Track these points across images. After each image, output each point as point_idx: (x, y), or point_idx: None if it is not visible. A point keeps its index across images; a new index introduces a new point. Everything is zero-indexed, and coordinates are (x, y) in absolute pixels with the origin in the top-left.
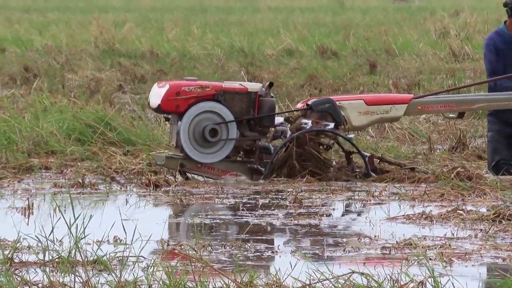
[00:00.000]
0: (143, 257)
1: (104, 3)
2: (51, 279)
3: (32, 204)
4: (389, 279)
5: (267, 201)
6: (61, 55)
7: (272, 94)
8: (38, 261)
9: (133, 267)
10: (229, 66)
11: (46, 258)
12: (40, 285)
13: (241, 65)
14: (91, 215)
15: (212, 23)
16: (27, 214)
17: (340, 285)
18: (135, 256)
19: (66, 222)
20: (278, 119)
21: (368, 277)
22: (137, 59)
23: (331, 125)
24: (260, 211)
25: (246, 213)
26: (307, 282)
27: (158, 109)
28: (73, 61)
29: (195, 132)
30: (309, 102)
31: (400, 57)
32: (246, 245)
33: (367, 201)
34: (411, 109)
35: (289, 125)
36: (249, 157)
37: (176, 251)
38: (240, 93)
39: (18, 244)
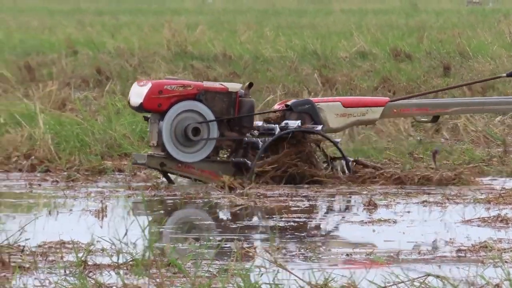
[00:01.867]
0: (217, 259)
1: (176, 5)
2: (125, 281)
3: (106, 206)
4: (464, 281)
5: (341, 204)
6: (133, 57)
7: (250, 95)
8: (112, 264)
9: (207, 269)
10: (302, 69)
11: (120, 261)
12: (114, 287)
13: (314, 68)
14: (164, 218)
15: (285, 26)
16: (100, 216)
17: None
18: (209, 259)
19: (139, 225)
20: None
21: (443, 280)
22: (210, 61)
23: (319, 127)
24: (335, 213)
25: (320, 216)
26: (382, 285)
27: (140, 108)
28: (146, 63)
29: (176, 131)
30: (289, 103)
31: (474, 59)
32: (321, 248)
33: (442, 203)
34: (387, 112)
35: (277, 124)
36: (233, 156)
37: (251, 254)
38: (220, 92)
39: (91, 247)
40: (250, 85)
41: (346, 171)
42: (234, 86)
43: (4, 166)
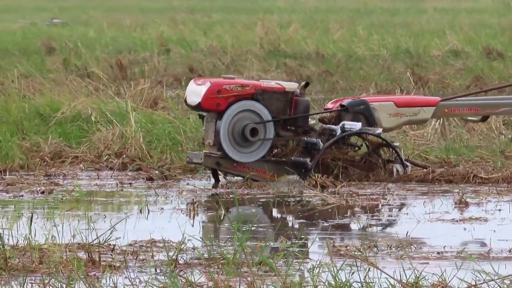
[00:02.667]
0: (308, 258)
1: (269, 4)
2: (216, 280)
3: (197, 205)
4: None
5: (432, 202)
6: (226, 55)
7: (306, 95)
8: (202, 262)
9: (299, 268)
10: (395, 67)
11: (211, 259)
12: (204, 286)
13: (407, 66)
14: (256, 216)
15: (377, 24)
16: (192, 215)
17: (505, 286)
18: (300, 257)
19: (231, 223)
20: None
21: None
22: (303, 60)
23: (379, 130)
24: (426, 211)
25: (411, 214)
26: (473, 282)
27: (198, 107)
28: (238, 62)
29: (234, 131)
30: (344, 103)
31: None
32: (412, 246)
33: None
34: (438, 112)
35: (338, 126)
36: (289, 154)
37: (342, 252)
38: (278, 92)
39: (183, 246)
40: (306, 84)
41: (402, 172)
42: (291, 86)
43: (95, 165)
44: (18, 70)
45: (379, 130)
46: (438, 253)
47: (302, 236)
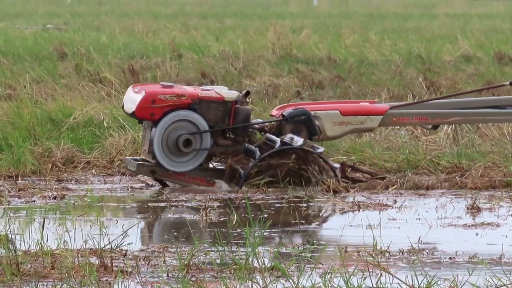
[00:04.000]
0: (320, 263)
1: (281, 9)
2: (228, 285)
3: (209, 210)
4: None
5: (445, 207)
6: (238, 61)
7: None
8: (214, 268)
9: (311, 273)
10: (407, 73)
11: (223, 265)
12: None
13: (419, 72)
14: (268, 221)
15: (389, 30)
16: (204, 220)
17: None
18: (312, 263)
19: (243, 228)
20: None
21: None
22: (315, 65)
23: (300, 141)
24: (438, 217)
25: (423, 219)
26: None
27: (133, 115)
28: (251, 67)
29: (168, 141)
30: (285, 113)
31: None
32: (424, 251)
33: None
34: (387, 121)
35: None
36: (230, 161)
37: (354, 257)
38: (216, 101)
39: (195, 251)
40: (247, 93)
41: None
42: (230, 95)
43: (107, 170)
44: (30, 76)
45: (321, 149)
46: (450, 258)
47: (314, 241)
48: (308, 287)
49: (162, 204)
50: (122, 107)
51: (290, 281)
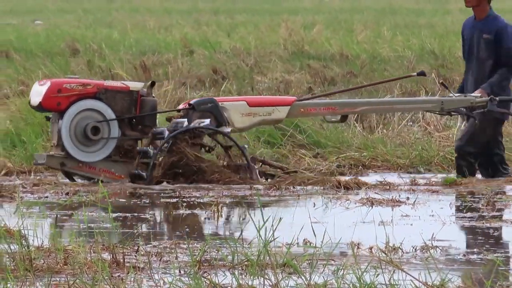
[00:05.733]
0: (333, 260)
1: (293, 4)
2: (240, 282)
3: (221, 206)
4: None
5: (459, 204)
6: (249, 57)
7: (153, 94)
8: (226, 264)
9: (323, 270)
10: (420, 68)
11: (235, 261)
12: None
13: (432, 67)
14: (280, 218)
15: (402, 25)
16: (216, 216)
17: None
18: (325, 259)
19: (255, 225)
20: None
21: None
22: (327, 61)
23: (206, 121)
24: (453, 213)
25: (437, 216)
26: (499, 285)
27: (39, 107)
28: (262, 63)
29: (76, 130)
30: (191, 102)
31: None
32: (437, 248)
33: None
34: (294, 111)
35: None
36: (129, 157)
37: (367, 254)
38: (121, 91)
39: (207, 247)
40: (153, 83)
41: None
42: (135, 85)
43: None
44: (42, 72)
45: (206, 122)
46: (464, 255)
47: (326, 238)
48: (320, 284)
49: (174, 200)
50: (29, 102)
51: (302, 277)
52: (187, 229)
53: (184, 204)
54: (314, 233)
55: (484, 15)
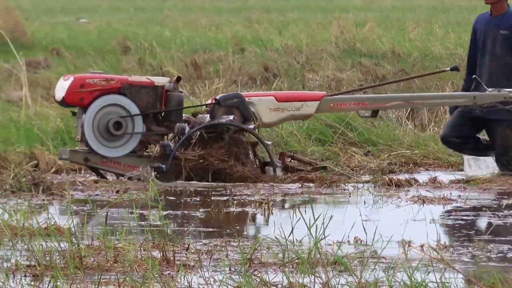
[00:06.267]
0: (384, 258)
1: (345, 3)
2: (291, 280)
3: (272, 204)
4: None
5: (508, 201)
6: (301, 54)
7: (180, 89)
8: (277, 262)
9: (374, 268)
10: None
11: (286, 259)
12: (279, 286)
13: None
14: (331, 215)
15: (454, 23)
16: (266, 214)
17: None
18: (375, 257)
19: (305, 223)
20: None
21: None
22: (378, 59)
23: (230, 117)
24: (504, 212)
25: (489, 214)
26: None
27: (62, 102)
28: (314, 60)
29: (99, 125)
30: (217, 97)
31: None
32: (489, 246)
33: None
34: (323, 106)
35: (187, 123)
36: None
37: (417, 252)
38: (146, 86)
39: (257, 245)
40: (178, 79)
41: (276, 174)
42: (160, 80)
43: None
44: (93, 70)
45: (230, 118)
46: None
47: (377, 236)
48: (371, 282)
49: (225, 198)
50: (54, 97)
51: (353, 275)
52: (238, 227)
53: (235, 201)
54: (365, 231)
55: (501, 11)
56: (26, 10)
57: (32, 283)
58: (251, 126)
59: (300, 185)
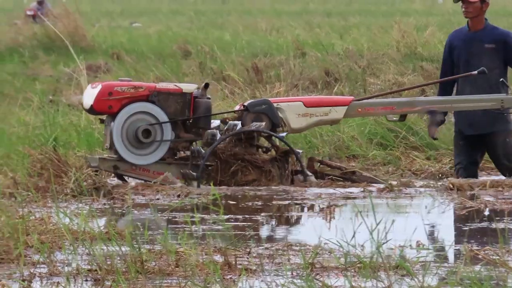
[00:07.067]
0: (446, 262)
1: (406, 7)
2: (352, 284)
3: (334, 208)
4: None
5: None
6: (362, 59)
7: (208, 96)
8: (339, 266)
9: (436, 272)
10: None
11: (347, 263)
12: None
13: None
14: (393, 220)
15: None
16: (328, 218)
17: None
18: (438, 261)
19: (367, 227)
20: (216, 122)
21: None
22: (439, 63)
23: (262, 124)
24: None
25: None
26: None
27: (91, 110)
28: (375, 65)
29: (128, 133)
30: (245, 103)
31: None
32: None
33: None
34: (351, 111)
35: (218, 130)
36: (184, 160)
37: (480, 256)
38: (174, 93)
39: (319, 249)
40: (206, 85)
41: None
42: (188, 87)
43: None
44: (153, 74)
45: (283, 134)
46: None
47: (439, 240)
48: (433, 286)
49: (286, 202)
50: (82, 105)
51: (415, 280)
52: (299, 231)
53: (296, 205)
54: (427, 235)
55: (481, 26)
56: (85, 14)
57: (93, 287)
58: (283, 134)
59: (362, 189)
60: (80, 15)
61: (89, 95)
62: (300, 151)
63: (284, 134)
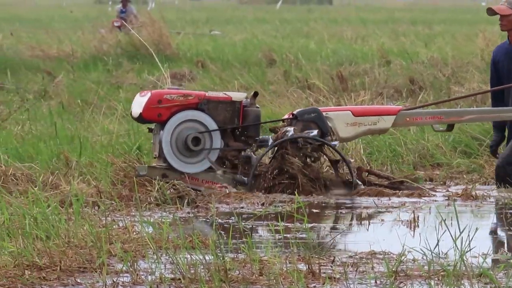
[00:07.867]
0: None
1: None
2: None
3: (418, 216)
4: None
5: None
6: (446, 67)
7: (257, 105)
8: (422, 274)
9: None
10: None
11: (431, 272)
12: None
13: None
14: (476, 228)
15: None
16: (412, 226)
17: None
18: None
19: (451, 235)
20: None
21: None
22: None
23: (314, 132)
24: None
25: None
26: None
27: (140, 118)
28: (459, 73)
29: (177, 141)
30: (295, 112)
31: None
32: None
33: None
34: (400, 121)
35: (271, 135)
36: (233, 168)
37: None
38: (224, 102)
39: (403, 257)
40: (255, 94)
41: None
42: (238, 96)
43: None
44: (238, 82)
45: (314, 133)
46: None
47: None
48: None
49: (370, 210)
50: (131, 113)
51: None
52: (383, 239)
53: (381, 213)
54: (508, 242)
55: None
56: (170, 22)
57: None
58: (335, 143)
59: (447, 198)
60: (165, 23)
61: (138, 103)
62: (352, 160)
63: (336, 142)
